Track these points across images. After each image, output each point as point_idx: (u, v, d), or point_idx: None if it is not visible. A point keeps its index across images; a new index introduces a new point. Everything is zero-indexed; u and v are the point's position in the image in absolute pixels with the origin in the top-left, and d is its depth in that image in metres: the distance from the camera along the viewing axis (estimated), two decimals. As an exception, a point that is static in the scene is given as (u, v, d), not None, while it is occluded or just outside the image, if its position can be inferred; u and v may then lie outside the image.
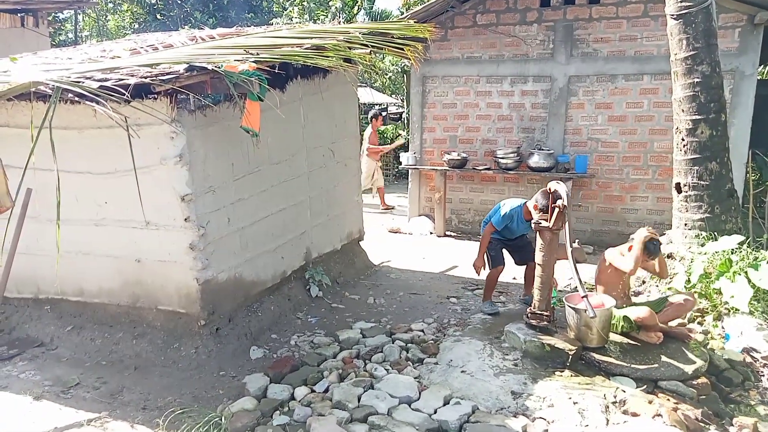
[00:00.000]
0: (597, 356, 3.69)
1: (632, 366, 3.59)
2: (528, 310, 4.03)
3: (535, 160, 7.49)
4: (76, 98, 3.05)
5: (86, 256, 4.41)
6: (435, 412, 3.35)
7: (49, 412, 3.54)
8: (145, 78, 3.20)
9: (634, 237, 3.97)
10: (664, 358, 3.68)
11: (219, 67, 3.35)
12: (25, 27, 10.04)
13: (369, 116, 10.72)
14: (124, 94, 2.97)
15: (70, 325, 4.49)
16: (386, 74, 19.94)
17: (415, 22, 5.68)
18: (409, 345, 4.37)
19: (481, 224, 4.93)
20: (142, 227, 4.16)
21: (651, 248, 3.85)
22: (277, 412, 3.46)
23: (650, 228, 3.99)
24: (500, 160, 7.74)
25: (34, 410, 3.56)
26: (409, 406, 3.44)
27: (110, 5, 20.05)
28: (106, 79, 3.10)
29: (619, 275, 4.05)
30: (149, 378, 3.96)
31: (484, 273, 4.83)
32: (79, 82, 3.03)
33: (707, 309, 4.53)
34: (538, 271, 3.97)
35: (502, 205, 4.72)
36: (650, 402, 3.30)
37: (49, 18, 11.17)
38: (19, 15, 9.93)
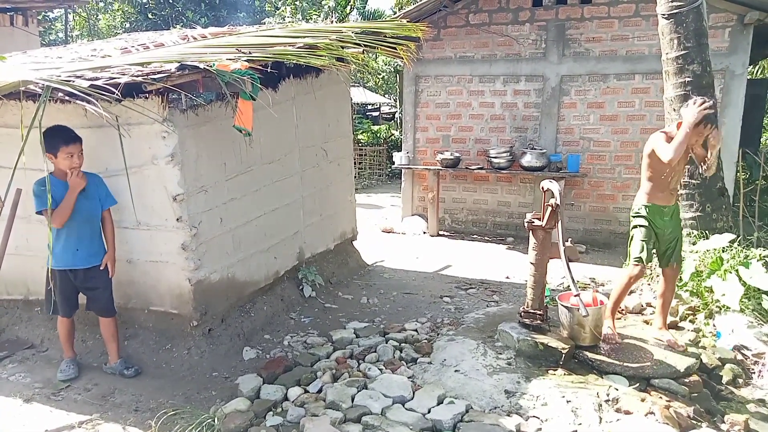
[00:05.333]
0: (590, 355, 3.71)
1: (625, 364, 3.60)
2: (521, 309, 4.04)
3: (528, 160, 7.52)
4: (67, 97, 3.02)
5: (77, 256, 4.36)
6: (429, 411, 3.34)
7: (40, 414, 3.50)
8: (137, 77, 3.17)
9: (682, 115, 3.50)
10: (656, 356, 3.70)
11: (211, 66, 3.32)
12: (15, 26, 9.95)
13: None
14: (115, 93, 2.94)
15: (60, 326, 4.45)
16: (379, 74, 19.96)
17: (407, 21, 5.68)
18: (403, 345, 4.37)
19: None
20: (134, 227, 4.13)
21: (711, 120, 3.42)
22: (271, 412, 3.44)
23: (698, 98, 3.50)
24: (493, 159, 7.75)
25: (24, 413, 3.52)
26: (403, 405, 3.43)
27: (101, 4, 19.90)
28: (97, 78, 3.07)
29: (664, 165, 3.63)
30: (141, 379, 3.93)
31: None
32: (69, 80, 2.99)
33: (699, 307, 4.55)
34: (531, 270, 3.97)
35: None
36: (643, 400, 3.31)
37: (39, 17, 11.08)
38: (8, 14, 9.84)
